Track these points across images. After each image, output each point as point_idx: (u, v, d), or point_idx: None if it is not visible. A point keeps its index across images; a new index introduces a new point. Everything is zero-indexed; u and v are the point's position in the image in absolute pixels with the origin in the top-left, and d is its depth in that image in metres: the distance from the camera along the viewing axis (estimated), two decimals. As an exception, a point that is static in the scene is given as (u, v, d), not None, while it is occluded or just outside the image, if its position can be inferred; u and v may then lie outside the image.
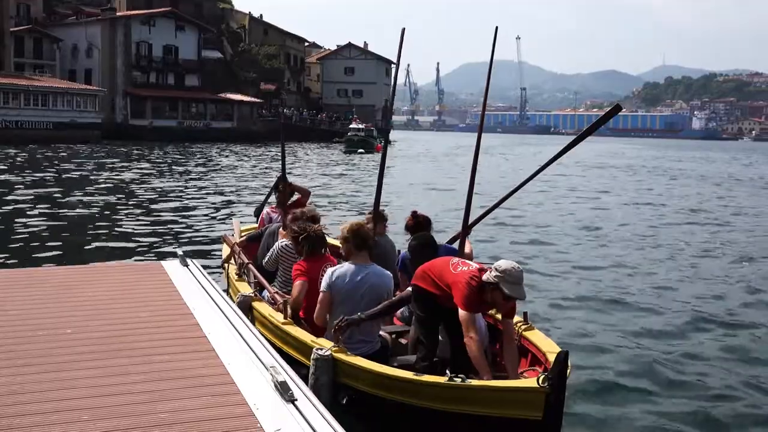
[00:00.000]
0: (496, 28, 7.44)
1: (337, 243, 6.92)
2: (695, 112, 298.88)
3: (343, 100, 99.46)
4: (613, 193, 28.40)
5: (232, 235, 8.80)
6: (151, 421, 3.78)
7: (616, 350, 7.77)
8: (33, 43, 68.07)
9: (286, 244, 6.82)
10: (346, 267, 5.74)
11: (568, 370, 4.17)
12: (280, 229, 7.51)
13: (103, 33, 70.48)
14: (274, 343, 5.91)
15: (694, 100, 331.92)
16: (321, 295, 5.67)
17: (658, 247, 14.73)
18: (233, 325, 5.53)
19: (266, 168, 36.18)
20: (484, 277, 4.91)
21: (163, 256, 11.59)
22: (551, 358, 4.19)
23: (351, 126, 65.84)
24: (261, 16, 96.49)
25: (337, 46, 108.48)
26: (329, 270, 5.78)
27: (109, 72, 69.61)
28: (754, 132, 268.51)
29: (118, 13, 73.26)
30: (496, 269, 4.81)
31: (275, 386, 4.16)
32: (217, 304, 6.19)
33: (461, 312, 4.91)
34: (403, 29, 7.97)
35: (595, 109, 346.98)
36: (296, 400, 4.03)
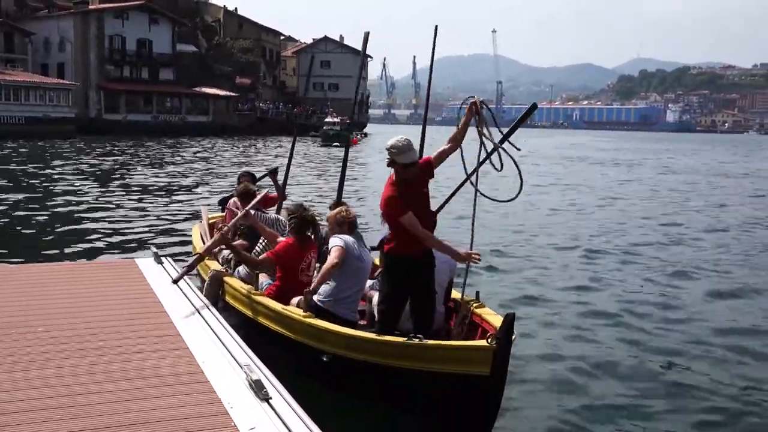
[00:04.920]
0: (436, 27, 7.68)
1: None
2: (669, 105, 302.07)
3: (319, 93, 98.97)
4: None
5: (201, 222, 9.00)
6: (124, 420, 3.75)
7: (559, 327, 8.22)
8: (4, 36, 66.95)
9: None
10: (350, 238, 6.02)
11: (514, 335, 4.47)
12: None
13: (75, 26, 69.54)
14: (245, 314, 6.20)
15: (668, 92, 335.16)
16: (338, 249, 5.82)
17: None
18: (207, 323, 5.52)
19: (242, 162, 35.96)
20: (386, 163, 5.31)
21: (136, 253, 11.48)
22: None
23: (327, 120, 65.60)
24: (236, 9, 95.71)
25: (313, 39, 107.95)
26: (336, 236, 5.99)
27: (82, 66, 68.71)
28: (727, 124, 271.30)
29: (90, 6, 72.15)
30: (386, 149, 5.25)
31: (250, 385, 4.16)
32: (191, 301, 6.17)
33: (404, 219, 5.18)
34: (367, 33, 8.16)
35: (570, 102, 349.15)
36: (271, 398, 4.03)
